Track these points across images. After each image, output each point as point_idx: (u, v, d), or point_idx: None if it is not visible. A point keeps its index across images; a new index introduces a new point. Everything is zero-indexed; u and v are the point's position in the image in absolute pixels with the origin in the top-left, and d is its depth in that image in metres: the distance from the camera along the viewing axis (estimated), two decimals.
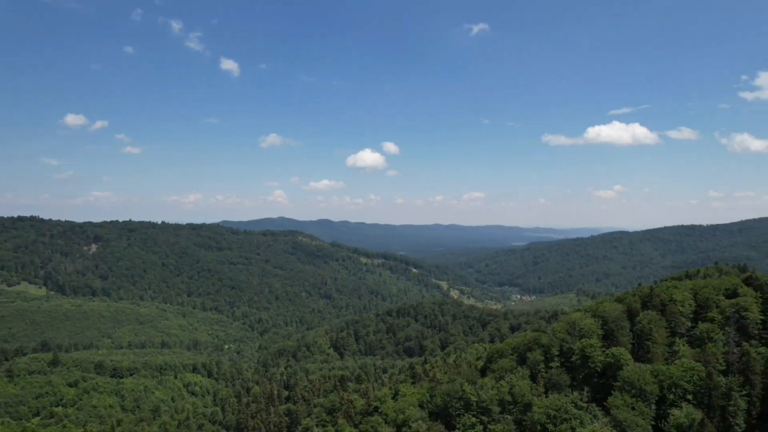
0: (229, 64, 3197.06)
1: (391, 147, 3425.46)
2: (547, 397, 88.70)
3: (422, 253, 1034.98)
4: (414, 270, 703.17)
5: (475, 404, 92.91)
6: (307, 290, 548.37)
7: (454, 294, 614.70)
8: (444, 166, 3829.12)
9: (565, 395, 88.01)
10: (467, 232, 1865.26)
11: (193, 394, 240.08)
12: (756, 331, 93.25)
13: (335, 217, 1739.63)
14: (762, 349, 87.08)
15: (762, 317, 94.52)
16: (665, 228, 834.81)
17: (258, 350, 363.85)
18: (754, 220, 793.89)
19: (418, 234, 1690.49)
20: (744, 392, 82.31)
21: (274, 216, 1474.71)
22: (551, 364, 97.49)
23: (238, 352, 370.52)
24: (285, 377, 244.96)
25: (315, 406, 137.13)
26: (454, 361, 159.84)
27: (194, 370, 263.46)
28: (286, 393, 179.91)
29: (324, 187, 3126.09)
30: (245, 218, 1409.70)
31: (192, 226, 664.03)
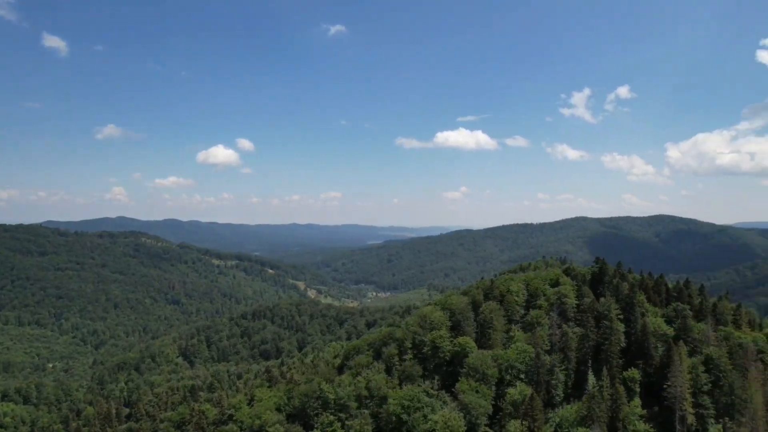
0: (53, 41, 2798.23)
1: (245, 144, 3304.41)
2: (401, 388, 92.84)
3: (279, 253, 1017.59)
4: (270, 271, 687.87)
5: (333, 402, 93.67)
6: (152, 296, 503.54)
7: (312, 294, 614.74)
8: (301, 165, 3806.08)
9: (418, 385, 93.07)
10: (324, 232, 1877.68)
11: (1, 426, 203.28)
12: (572, 314, 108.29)
13: (184, 217, 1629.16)
14: (577, 329, 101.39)
15: (577, 302, 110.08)
16: (503, 226, 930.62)
17: (92, 366, 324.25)
18: (571, 219, 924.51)
19: (275, 234, 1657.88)
20: (563, 367, 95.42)
21: (113, 215, 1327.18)
22: (405, 357, 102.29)
23: (65, 371, 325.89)
24: (126, 393, 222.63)
25: (161, 422, 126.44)
26: (312, 361, 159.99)
27: (4, 398, 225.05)
28: (127, 411, 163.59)
29: (171, 185, 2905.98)
30: (76, 218, 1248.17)
31: (4, 228, 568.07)
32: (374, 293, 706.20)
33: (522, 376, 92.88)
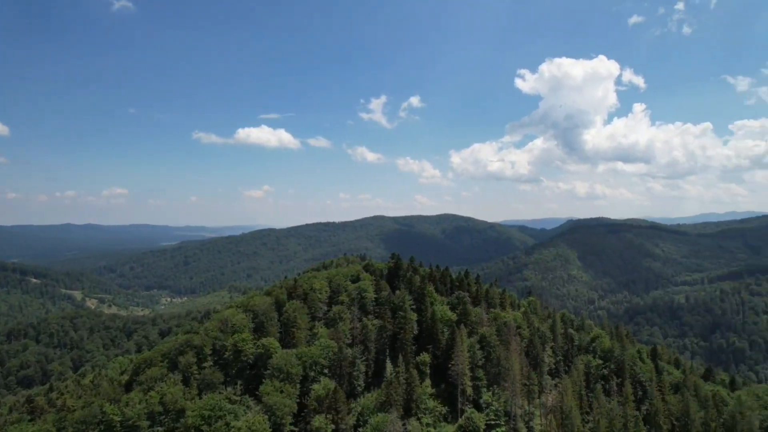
0: None
1: None
2: (201, 398, 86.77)
3: (47, 259, 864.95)
4: (34, 280, 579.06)
5: (119, 425, 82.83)
6: None
7: (92, 304, 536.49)
8: (77, 156, 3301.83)
9: (220, 393, 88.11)
10: (108, 233, 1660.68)
11: None
12: (372, 308, 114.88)
13: None
14: (376, 321, 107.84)
15: (375, 296, 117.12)
16: (307, 225, 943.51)
17: None
18: (370, 217, 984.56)
19: (41, 236, 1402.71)
20: (364, 358, 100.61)
21: None
22: (204, 365, 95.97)
23: None
24: None
25: None
26: (92, 382, 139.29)
27: None
28: None
29: None
30: None
31: None
32: (169, 299, 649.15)
33: (326, 371, 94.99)
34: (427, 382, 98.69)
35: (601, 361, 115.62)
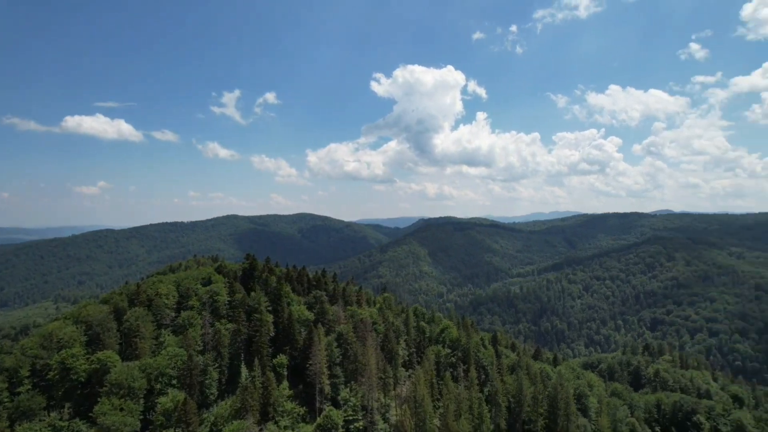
0: None
1: None
2: (13, 431, 74.14)
3: None
4: None
5: None
6: None
7: None
8: None
9: (40, 420, 76.27)
10: None
11: None
12: (225, 311, 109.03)
13: None
14: (229, 325, 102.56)
15: (229, 298, 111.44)
16: (151, 225, 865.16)
17: None
18: (223, 217, 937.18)
19: None
20: (217, 365, 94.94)
21: None
22: (19, 390, 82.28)
23: None
24: None
25: None
26: None
27: None
28: None
29: None
30: None
31: None
32: None
33: (174, 382, 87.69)
34: (285, 384, 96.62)
35: (449, 350, 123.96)
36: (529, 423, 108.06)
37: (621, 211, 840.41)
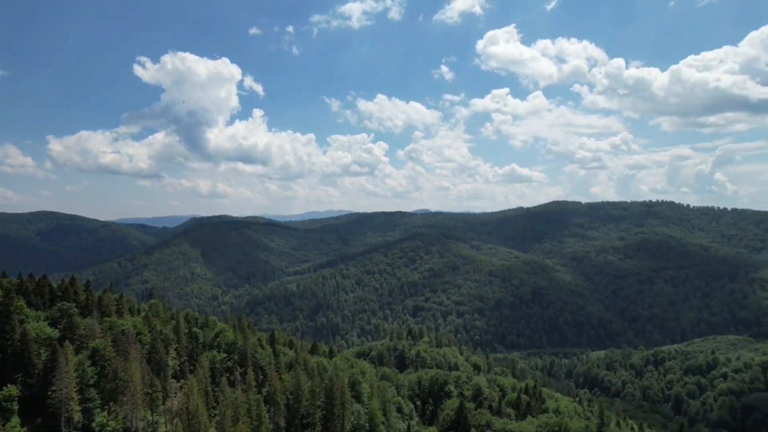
0: None
1: None
2: None
3: None
4: None
5: None
6: None
7: None
8: None
9: None
10: None
11: None
12: None
13: None
14: None
15: None
16: None
17: None
18: None
19: None
20: None
21: None
22: None
23: None
24: None
25: None
26: None
27: None
28: None
29: None
30: None
31: None
32: None
33: None
34: (15, 420, 78.59)
35: (225, 355, 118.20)
36: (308, 416, 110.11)
37: (387, 210, 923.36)
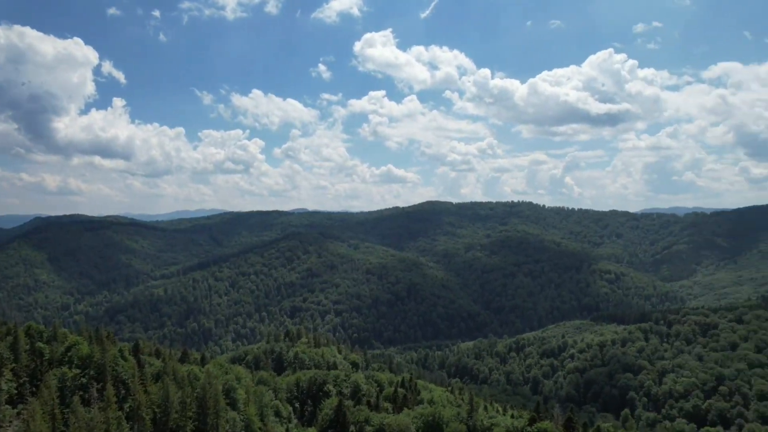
0: None
1: None
2: None
3: None
4: None
5: None
6: None
7: None
8: None
9: None
10: None
11: None
12: None
13: None
14: None
15: None
16: None
17: None
18: None
19: None
20: None
21: None
22: None
23: None
24: None
25: None
26: None
27: None
28: None
29: None
30: None
31: None
32: None
33: None
34: None
35: (79, 370, 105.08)
36: (178, 430, 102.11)
37: (264, 209, 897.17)
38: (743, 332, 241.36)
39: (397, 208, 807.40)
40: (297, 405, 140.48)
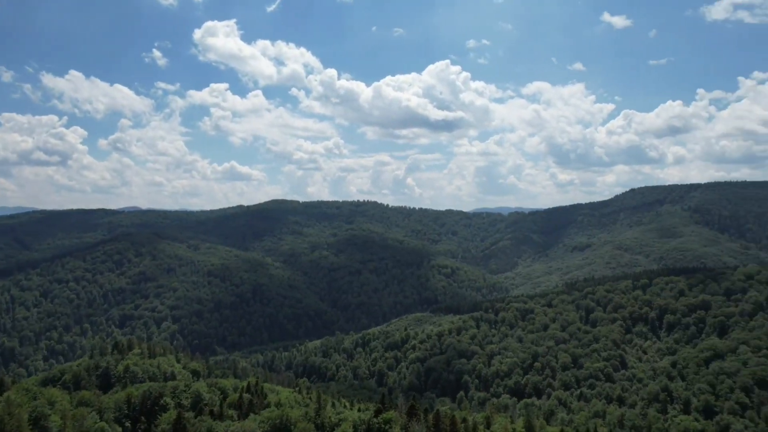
0: None
1: None
2: None
3: None
4: None
5: None
6: None
7: None
8: None
9: None
10: None
11: None
12: None
13: None
14: None
15: None
16: None
17: None
18: None
19: None
20: None
21: None
22: None
23: None
24: None
25: None
26: None
27: None
28: None
29: None
30: None
31: None
32: None
33: None
34: None
35: None
36: None
37: (86, 207, 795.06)
38: (552, 314, 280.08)
39: (241, 206, 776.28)
40: (128, 424, 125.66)
